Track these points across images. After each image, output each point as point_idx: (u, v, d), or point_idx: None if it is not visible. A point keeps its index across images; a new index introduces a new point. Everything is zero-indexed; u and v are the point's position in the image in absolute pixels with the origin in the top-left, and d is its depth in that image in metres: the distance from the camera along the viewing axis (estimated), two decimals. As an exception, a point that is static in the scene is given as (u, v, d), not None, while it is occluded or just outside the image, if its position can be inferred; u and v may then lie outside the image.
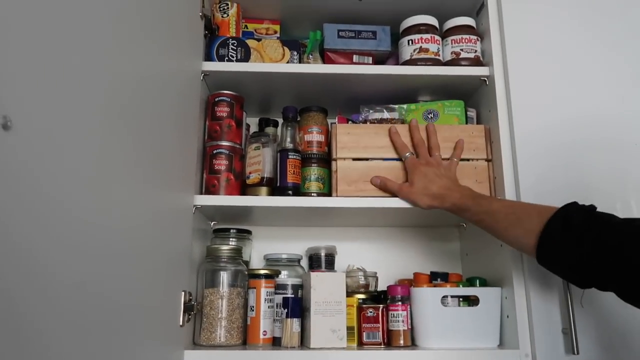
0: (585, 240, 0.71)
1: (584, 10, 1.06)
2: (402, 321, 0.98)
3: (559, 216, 0.76)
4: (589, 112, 1.00)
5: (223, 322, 0.97)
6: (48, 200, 0.43)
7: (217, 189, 1.02)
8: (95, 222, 0.52)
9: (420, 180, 0.97)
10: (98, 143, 0.53)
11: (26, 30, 0.39)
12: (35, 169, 0.41)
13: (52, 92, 0.43)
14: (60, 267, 0.45)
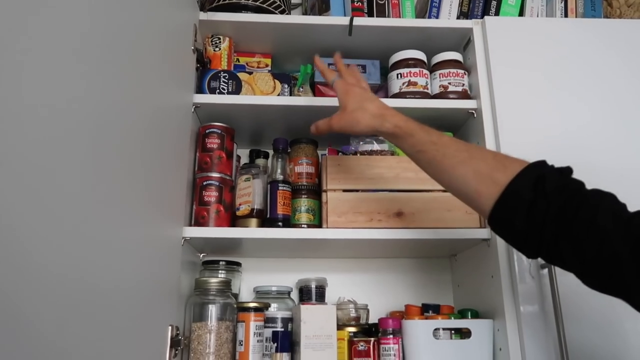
0: (561, 212, 0.60)
1: (564, 47, 1.09)
2: (394, 355, 0.97)
3: (530, 176, 0.63)
4: (571, 141, 1.02)
5: (211, 357, 0.94)
6: (40, 229, 0.42)
7: (206, 220, 1.01)
8: (81, 255, 0.51)
9: (356, 101, 0.84)
10: (88, 174, 0.53)
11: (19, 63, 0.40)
12: (24, 200, 0.40)
13: (44, 124, 0.43)
14: (46, 303, 0.44)
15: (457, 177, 0.71)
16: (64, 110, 0.48)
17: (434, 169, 0.76)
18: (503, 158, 0.69)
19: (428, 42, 1.17)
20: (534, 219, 0.61)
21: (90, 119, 0.54)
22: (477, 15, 1.24)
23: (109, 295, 0.60)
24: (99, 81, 0.57)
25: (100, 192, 0.57)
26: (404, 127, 0.78)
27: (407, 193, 1.05)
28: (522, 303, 0.93)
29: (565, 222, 0.59)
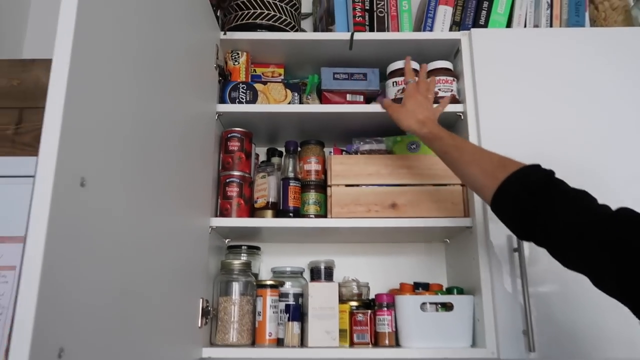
0: (533, 200, 0.76)
1: (545, 55, 1.22)
2: (388, 324, 1.15)
3: (520, 174, 0.81)
4: (547, 139, 1.16)
5: (235, 325, 1.14)
6: (111, 230, 0.61)
7: (229, 212, 1.20)
8: (139, 243, 0.71)
9: (412, 105, 1.08)
10: (142, 175, 0.72)
11: (97, 110, 0.58)
12: (100, 209, 0.59)
13: (112, 156, 0.62)
14: (117, 276, 0.63)
15: (469, 173, 0.91)
16: (124, 122, 0.67)
17: (454, 167, 0.97)
18: (506, 160, 0.87)
19: (422, 52, 1.32)
20: (518, 208, 0.80)
21: (141, 129, 0.73)
22: (468, 24, 1.37)
23: (158, 272, 0.79)
24: (146, 98, 0.75)
25: (150, 190, 0.76)
26: (436, 133, 1.01)
27: (401, 187, 1.21)
28: (496, 281, 1.09)
29: (543, 212, 0.76)
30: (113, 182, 0.63)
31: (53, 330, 0.50)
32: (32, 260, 0.47)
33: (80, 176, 0.55)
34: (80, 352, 0.55)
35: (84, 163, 0.56)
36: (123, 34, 0.67)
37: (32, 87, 0.91)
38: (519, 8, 1.39)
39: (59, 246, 0.50)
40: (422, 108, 1.08)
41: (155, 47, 0.81)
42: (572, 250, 0.71)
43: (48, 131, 0.51)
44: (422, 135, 1.04)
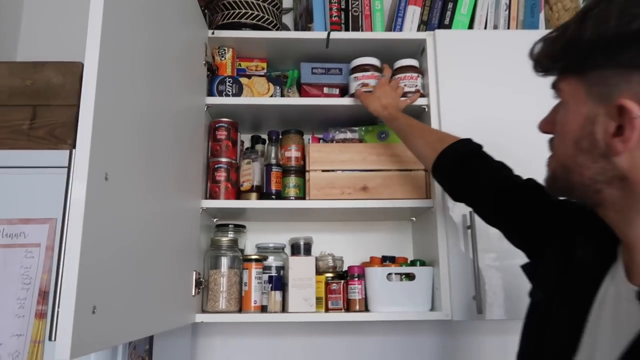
0: (461, 168, 0.94)
1: (502, 53, 1.37)
2: (358, 292, 1.32)
3: (452, 147, 0.98)
4: (500, 130, 1.31)
5: (224, 294, 1.30)
6: (125, 214, 0.75)
7: (218, 194, 1.34)
8: (146, 224, 0.85)
9: (380, 92, 1.29)
10: (147, 172, 0.86)
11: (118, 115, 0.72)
12: (120, 197, 0.73)
13: (126, 153, 0.76)
14: (130, 243, 0.77)
15: (416, 145, 1.11)
16: (134, 120, 0.80)
17: (406, 140, 1.17)
18: (445, 135, 1.06)
19: (392, 50, 1.46)
20: (451, 175, 0.99)
21: (146, 125, 0.86)
22: (435, 23, 1.51)
23: (161, 247, 0.94)
24: (149, 96, 0.88)
25: (154, 179, 0.90)
26: (394, 115, 1.22)
27: (371, 172, 1.37)
28: (452, 255, 1.26)
29: (469, 179, 0.95)
30: (127, 176, 0.77)
31: (89, 293, 0.64)
32: (74, 238, 0.62)
33: (105, 172, 0.68)
34: (107, 309, 0.69)
35: (107, 161, 0.69)
36: (132, 39, 0.80)
37: (44, 86, 1.03)
38: (481, 9, 1.53)
39: (91, 228, 0.65)
40: (387, 96, 1.27)
41: (156, 48, 0.93)
42: (490, 210, 0.91)
43: (82, 138, 0.64)
44: (384, 116, 1.24)
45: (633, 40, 0.50)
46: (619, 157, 0.53)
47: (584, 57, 0.55)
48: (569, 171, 0.59)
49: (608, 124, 0.53)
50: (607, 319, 0.57)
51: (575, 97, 0.57)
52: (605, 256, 0.61)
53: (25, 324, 0.86)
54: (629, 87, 0.51)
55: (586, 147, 0.56)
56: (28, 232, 0.90)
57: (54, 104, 1.02)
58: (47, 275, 0.89)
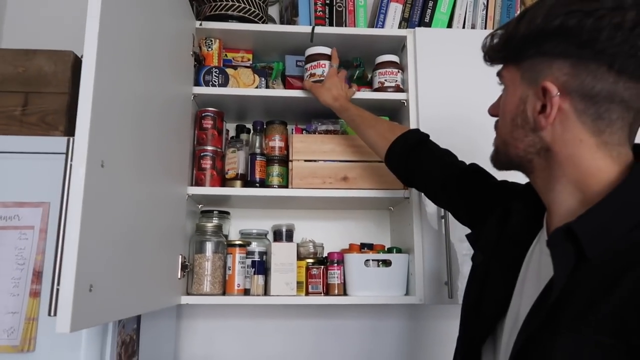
0: (411, 156, 1.05)
1: (476, 52, 1.44)
2: (337, 277, 1.38)
3: (402, 137, 1.08)
4: (475, 125, 1.38)
5: (208, 277, 1.35)
6: (119, 200, 0.80)
7: (203, 182, 1.39)
8: (137, 209, 0.90)
9: (329, 84, 1.33)
10: (138, 159, 0.90)
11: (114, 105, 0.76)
12: (114, 184, 0.78)
13: (120, 141, 0.80)
14: (123, 227, 0.82)
15: (368, 135, 1.19)
16: (127, 110, 0.84)
17: (358, 131, 1.24)
18: (395, 126, 1.19)
19: (374, 45, 1.51)
20: (401, 163, 1.09)
21: (138, 115, 0.90)
22: (415, 21, 1.56)
23: (150, 232, 0.99)
24: (141, 86, 0.92)
25: (144, 166, 0.94)
26: (344, 106, 1.28)
27: (351, 163, 1.42)
28: (426, 243, 1.34)
29: (416, 166, 1.05)
30: (121, 163, 0.82)
31: (86, 272, 0.69)
32: (73, 222, 0.66)
33: (101, 159, 0.73)
34: (102, 288, 0.74)
35: (103, 149, 0.74)
36: (126, 30, 0.84)
37: (36, 74, 1.06)
38: (460, 8, 1.59)
39: (89, 213, 0.69)
40: (337, 87, 1.32)
41: (147, 39, 0.97)
42: (437, 193, 1.02)
43: (81, 127, 0.68)
44: (335, 107, 1.30)
45: (553, 34, 0.61)
46: (544, 131, 0.63)
47: (519, 48, 0.66)
48: (508, 145, 0.69)
49: (535, 103, 0.64)
50: (531, 274, 0.67)
51: (513, 82, 0.68)
52: (535, 222, 0.71)
53: (19, 302, 0.90)
54: (550, 72, 0.62)
55: (520, 123, 0.66)
56: (22, 215, 0.94)
57: (45, 91, 1.06)
58: (41, 257, 0.93)
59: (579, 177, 0.62)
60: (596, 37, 0.58)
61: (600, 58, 0.58)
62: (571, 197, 0.63)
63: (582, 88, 0.60)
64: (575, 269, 0.57)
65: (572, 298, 0.56)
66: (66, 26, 1.57)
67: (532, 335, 0.58)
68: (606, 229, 0.57)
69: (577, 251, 0.57)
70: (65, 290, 0.65)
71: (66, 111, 1.06)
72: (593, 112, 0.60)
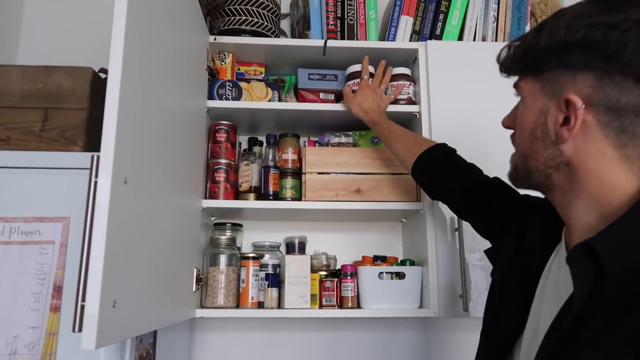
0: (436, 170, 1.07)
1: (489, 65, 1.44)
2: (351, 290, 1.38)
3: (428, 151, 1.11)
4: (487, 137, 1.39)
5: (222, 290, 1.35)
6: (140, 215, 0.80)
7: (217, 194, 1.40)
8: (156, 224, 0.90)
9: (361, 96, 1.35)
10: (158, 175, 0.91)
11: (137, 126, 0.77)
12: (136, 199, 0.78)
13: (142, 158, 0.81)
14: (143, 242, 0.83)
15: (396, 149, 1.23)
16: (149, 127, 0.85)
17: (387, 144, 1.27)
18: (422, 140, 1.21)
19: (385, 58, 1.51)
20: (427, 176, 1.12)
21: (158, 131, 0.91)
22: (426, 34, 1.58)
23: (167, 245, 0.99)
24: (160, 101, 0.93)
25: (163, 181, 0.95)
26: (375, 119, 1.31)
27: (364, 175, 1.43)
28: (440, 255, 1.34)
29: (442, 180, 1.08)
30: (142, 179, 0.82)
31: (110, 288, 0.69)
32: (98, 238, 0.67)
33: (125, 176, 0.74)
34: (125, 303, 0.75)
35: (126, 166, 0.75)
36: (147, 47, 0.85)
37: (55, 90, 1.08)
38: (470, 20, 1.60)
39: (113, 229, 0.70)
40: (368, 99, 1.34)
41: (165, 55, 0.98)
42: (460, 206, 1.03)
43: (106, 146, 0.69)
44: (365, 120, 1.33)
45: (577, 46, 0.60)
46: (565, 145, 0.62)
47: (540, 60, 0.65)
48: (527, 158, 0.68)
49: (557, 115, 0.63)
50: (550, 289, 0.67)
51: (532, 94, 0.67)
52: (552, 237, 0.71)
53: (40, 317, 0.91)
54: (574, 84, 0.61)
55: (540, 135, 0.65)
56: (42, 229, 0.95)
57: (64, 107, 1.07)
58: (62, 271, 0.94)
59: (599, 192, 0.62)
60: (622, 50, 0.57)
61: (626, 71, 0.58)
62: (591, 212, 0.63)
63: (607, 101, 0.59)
64: (595, 285, 0.57)
65: (592, 314, 0.56)
66: (81, 42, 1.61)
67: (552, 351, 0.58)
68: (627, 245, 0.57)
69: (597, 267, 0.57)
70: (90, 307, 0.65)
71: (85, 126, 1.07)
72: (617, 125, 0.59)
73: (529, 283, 0.71)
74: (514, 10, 1.63)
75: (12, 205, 0.97)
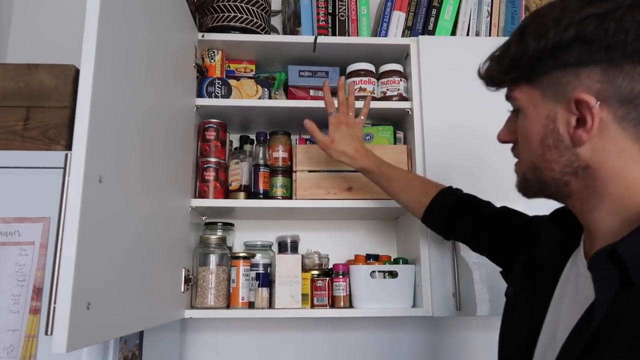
0: (450, 214, 1.05)
1: (479, 60, 1.42)
2: (343, 289, 1.36)
3: (438, 197, 1.07)
4: (479, 134, 1.36)
5: (212, 291, 1.33)
6: (119, 215, 0.79)
7: (207, 193, 1.38)
8: (137, 224, 0.89)
9: (339, 139, 1.18)
10: (140, 173, 0.89)
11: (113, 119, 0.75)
12: (113, 198, 0.77)
13: (120, 156, 0.79)
14: (124, 242, 0.81)
15: (401, 200, 1.18)
16: (128, 125, 0.84)
17: (387, 192, 1.20)
18: (427, 186, 1.13)
19: (377, 54, 1.50)
20: (440, 222, 1.10)
21: (139, 128, 0.90)
22: (419, 29, 1.55)
23: (151, 245, 0.97)
24: (143, 99, 0.92)
25: (146, 180, 0.93)
26: (366, 167, 1.18)
27: (356, 173, 1.39)
28: (433, 254, 1.31)
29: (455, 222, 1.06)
30: (120, 177, 0.81)
31: (83, 290, 0.68)
32: (69, 238, 0.65)
33: (99, 174, 0.72)
34: (101, 305, 0.73)
35: (101, 164, 0.73)
36: (126, 42, 0.84)
37: (37, 88, 1.06)
38: (463, 15, 1.58)
39: (86, 229, 0.68)
40: (348, 141, 1.18)
41: (149, 51, 0.97)
42: (475, 242, 1.03)
43: (78, 144, 0.67)
44: (355, 168, 1.20)
45: (573, 43, 0.57)
46: (582, 147, 0.58)
47: (533, 65, 0.61)
48: (540, 169, 0.63)
49: (569, 118, 0.59)
50: (569, 298, 0.63)
51: (532, 102, 0.63)
52: (567, 245, 0.68)
53: (19, 320, 0.89)
54: (579, 83, 0.57)
55: (552, 143, 0.61)
56: (22, 230, 0.94)
57: (47, 105, 1.05)
58: (41, 273, 0.92)
59: (623, 192, 0.58)
60: (624, 38, 0.54)
61: (634, 58, 0.55)
62: (614, 215, 0.59)
63: (620, 92, 0.56)
64: (618, 295, 0.53)
65: (615, 328, 0.52)
66: (71, 40, 1.58)
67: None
68: None
69: (621, 274, 0.53)
70: (61, 309, 0.64)
71: (67, 125, 1.05)
72: (635, 117, 0.56)
73: (542, 295, 0.67)
74: (508, 4, 1.61)
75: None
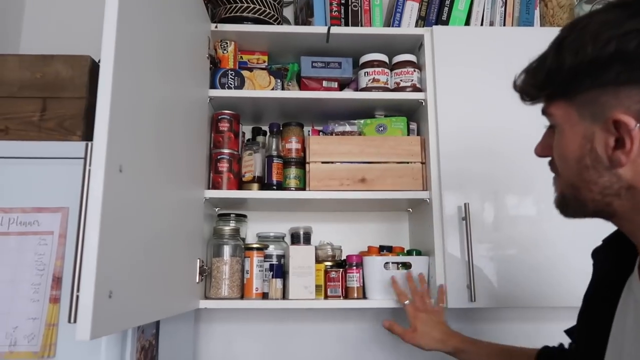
0: None
1: (496, 50, 1.41)
2: (356, 280, 1.36)
3: None
4: (494, 125, 1.36)
5: (226, 281, 1.34)
6: (137, 205, 0.79)
7: (220, 185, 1.38)
8: (155, 214, 0.89)
9: (422, 326, 1.20)
10: (157, 164, 0.89)
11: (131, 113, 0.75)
12: (132, 188, 0.77)
13: (139, 147, 0.80)
14: (142, 232, 0.81)
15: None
16: (145, 116, 0.84)
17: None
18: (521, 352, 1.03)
19: (391, 44, 1.49)
20: None
21: (156, 120, 0.90)
22: (432, 19, 1.54)
23: (168, 236, 0.98)
24: (159, 90, 0.92)
25: (162, 170, 0.93)
26: (460, 347, 1.15)
27: (369, 164, 1.40)
28: (447, 245, 1.31)
29: None
30: (139, 167, 0.81)
31: (105, 279, 0.68)
32: (92, 228, 0.65)
33: (119, 164, 0.72)
34: (122, 294, 0.73)
35: (121, 154, 0.73)
36: (143, 34, 0.83)
37: (53, 79, 1.06)
38: (477, 5, 1.56)
39: (107, 218, 0.68)
40: (432, 325, 1.20)
41: (164, 42, 0.96)
42: None
43: (99, 134, 0.68)
44: (448, 352, 1.17)
45: (612, 61, 0.54)
46: (623, 169, 0.55)
47: (569, 82, 0.58)
48: (578, 189, 0.60)
49: (607, 139, 0.56)
50: (630, 330, 0.60)
51: (568, 120, 0.60)
52: (621, 270, 0.65)
53: (40, 308, 0.90)
54: (618, 103, 0.54)
55: (589, 163, 0.58)
56: (41, 220, 0.94)
57: (63, 96, 1.06)
58: (61, 262, 0.93)
59: None
60: None
61: None
62: None
63: None
64: None
65: None
66: (84, 31, 1.58)
67: None
68: None
69: None
70: (84, 297, 0.64)
71: (84, 116, 1.06)
72: None
73: (598, 333, 0.65)
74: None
75: (10, 196, 0.96)
